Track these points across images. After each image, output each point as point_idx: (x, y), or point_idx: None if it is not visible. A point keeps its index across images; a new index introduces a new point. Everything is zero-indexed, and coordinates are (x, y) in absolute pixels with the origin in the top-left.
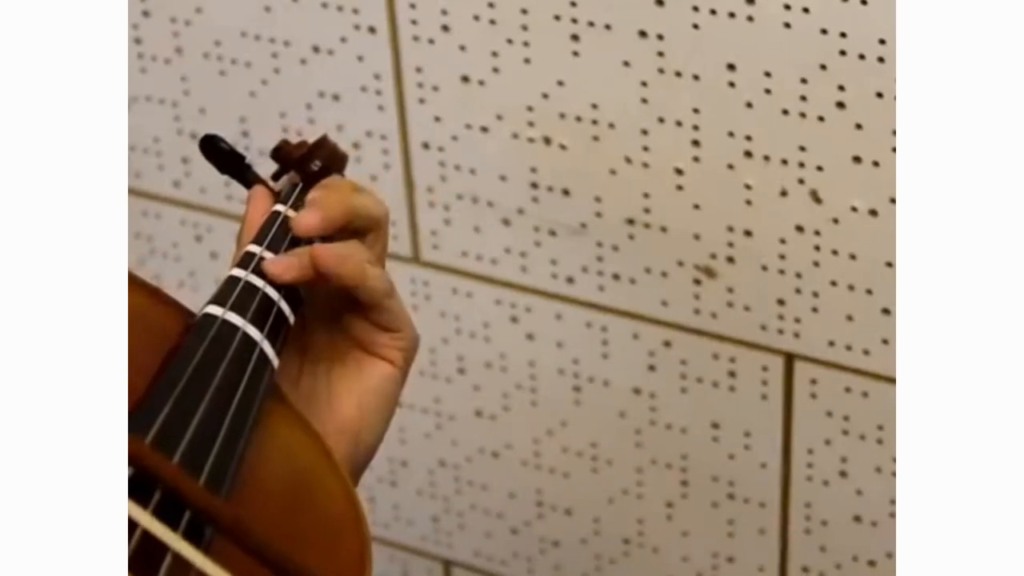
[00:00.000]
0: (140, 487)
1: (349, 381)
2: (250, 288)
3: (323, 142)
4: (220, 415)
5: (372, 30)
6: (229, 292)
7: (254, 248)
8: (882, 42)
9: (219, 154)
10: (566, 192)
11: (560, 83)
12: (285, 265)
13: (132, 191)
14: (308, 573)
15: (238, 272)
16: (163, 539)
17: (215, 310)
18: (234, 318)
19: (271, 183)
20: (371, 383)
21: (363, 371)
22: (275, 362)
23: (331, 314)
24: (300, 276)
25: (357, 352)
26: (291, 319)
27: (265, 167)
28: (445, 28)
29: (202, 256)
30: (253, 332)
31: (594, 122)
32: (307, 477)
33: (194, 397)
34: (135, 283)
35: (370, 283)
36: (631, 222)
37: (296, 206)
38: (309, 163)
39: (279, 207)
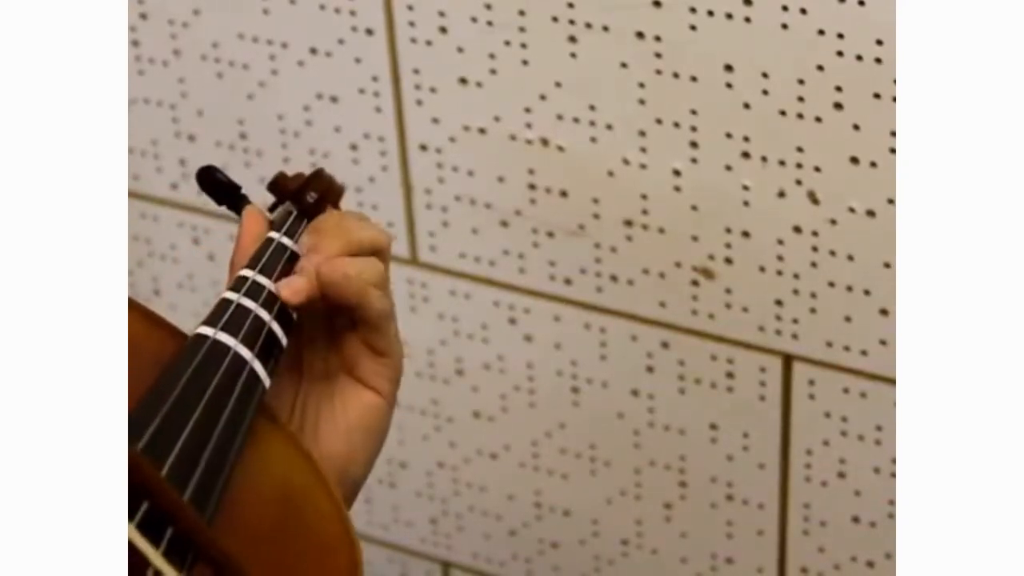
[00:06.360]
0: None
1: (337, 415)
2: (242, 310)
3: (319, 174)
4: (208, 431)
5: (370, 32)
6: (221, 314)
7: (247, 272)
8: (879, 43)
9: (216, 185)
10: (564, 193)
11: (558, 84)
12: (295, 288)
13: (130, 193)
14: None
15: (230, 295)
16: (145, 554)
17: (207, 331)
18: (225, 338)
19: (267, 214)
20: (359, 416)
21: (350, 403)
22: (267, 382)
23: (326, 333)
24: (309, 296)
25: (345, 380)
26: (284, 341)
27: (264, 169)
28: (443, 30)
29: (200, 258)
30: (244, 352)
31: (592, 123)
32: (298, 496)
33: (183, 413)
34: (130, 306)
35: (372, 302)
36: (629, 223)
37: (291, 234)
38: (305, 195)
39: (273, 234)
